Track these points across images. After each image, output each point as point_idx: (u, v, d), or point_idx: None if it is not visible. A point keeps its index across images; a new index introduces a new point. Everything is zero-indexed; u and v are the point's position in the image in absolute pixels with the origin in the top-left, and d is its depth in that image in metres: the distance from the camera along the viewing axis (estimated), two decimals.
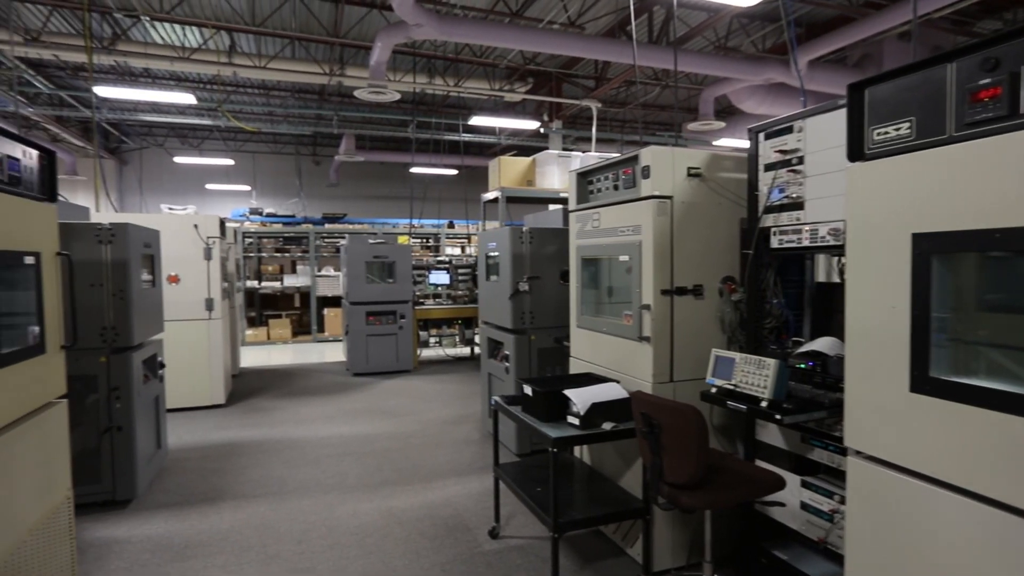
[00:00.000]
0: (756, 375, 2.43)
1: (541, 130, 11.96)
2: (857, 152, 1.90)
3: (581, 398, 2.81)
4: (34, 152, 2.39)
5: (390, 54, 7.75)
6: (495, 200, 6.49)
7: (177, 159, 14.85)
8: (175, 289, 5.91)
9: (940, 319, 1.67)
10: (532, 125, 11.46)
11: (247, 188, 16.42)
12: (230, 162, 15.49)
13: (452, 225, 14.37)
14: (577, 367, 3.66)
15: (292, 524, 3.57)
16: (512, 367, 4.63)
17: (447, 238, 14.04)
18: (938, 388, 1.63)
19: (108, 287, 3.78)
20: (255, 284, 11.75)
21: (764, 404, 2.35)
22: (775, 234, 2.61)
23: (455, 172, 15.04)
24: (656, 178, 2.87)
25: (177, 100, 10.47)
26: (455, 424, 5.70)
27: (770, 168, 2.64)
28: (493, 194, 6.51)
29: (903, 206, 1.73)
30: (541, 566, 3.06)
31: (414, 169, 14.31)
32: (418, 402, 6.59)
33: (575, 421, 2.82)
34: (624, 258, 3.11)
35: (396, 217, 15.99)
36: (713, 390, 2.64)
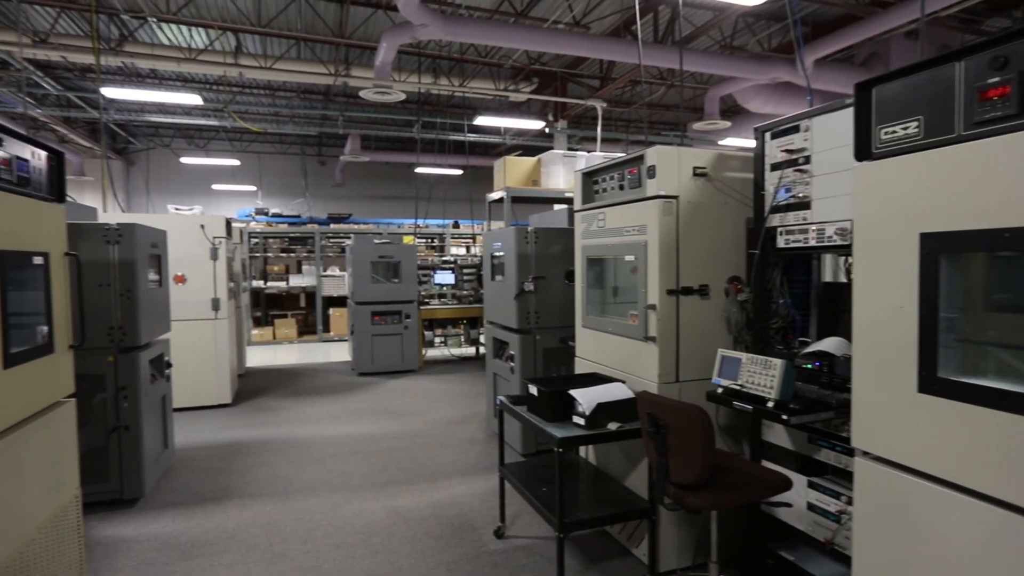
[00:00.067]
0: (762, 375, 2.42)
1: (546, 130, 11.96)
2: (864, 151, 1.89)
3: (587, 398, 2.81)
4: (43, 153, 2.41)
5: (395, 54, 7.77)
6: (500, 200, 6.49)
7: (183, 159, 14.95)
8: (182, 289, 5.94)
9: (948, 319, 1.66)
10: (537, 125, 11.46)
11: (253, 188, 16.49)
12: (236, 162, 15.58)
13: (457, 225, 14.39)
14: (582, 367, 3.66)
15: (298, 523, 3.59)
16: (517, 367, 4.63)
17: (452, 238, 14.06)
18: (946, 388, 1.63)
19: (115, 287, 3.80)
20: (261, 284, 11.79)
21: (771, 404, 2.35)
22: (781, 234, 2.60)
23: (460, 172, 15.06)
24: (662, 178, 2.86)
25: (183, 101, 10.54)
26: (460, 424, 5.70)
27: (776, 168, 2.63)
28: (498, 194, 6.51)
29: (911, 205, 1.72)
30: (546, 566, 3.06)
31: (419, 169, 14.34)
32: (423, 402, 6.60)
33: (580, 421, 2.82)
34: (630, 258, 3.11)
35: (401, 217, 16.02)
36: (719, 390, 2.63)
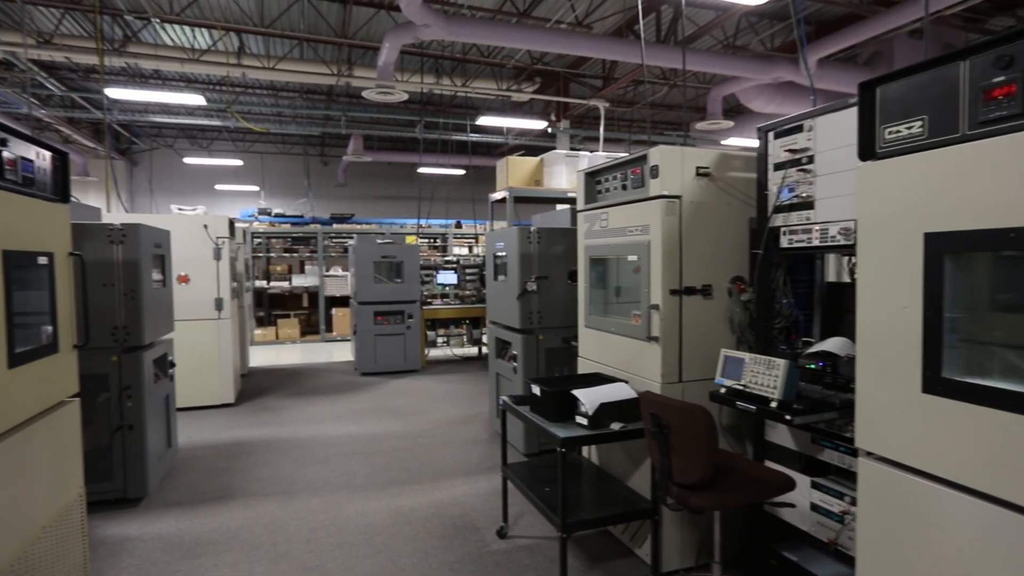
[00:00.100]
0: (766, 375, 2.42)
1: (549, 130, 11.96)
2: (868, 151, 1.88)
3: (589, 398, 2.81)
4: (47, 153, 2.42)
5: (398, 54, 7.77)
6: (503, 200, 6.50)
7: (187, 160, 14.99)
8: (185, 289, 5.95)
9: (952, 319, 1.66)
10: (539, 125, 11.46)
11: (256, 188, 16.53)
12: (239, 163, 15.61)
13: (460, 225, 14.39)
14: (585, 367, 3.66)
15: (301, 523, 3.59)
16: (520, 367, 4.63)
17: (455, 238, 14.07)
18: (951, 389, 1.62)
19: (120, 287, 3.81)
20: (264, 284, 11.81)
21: (774, 405, 2.34)
22: (785, 234, 2.60)
23: (463, 172, 15.05)
24: (665, 178, 2.86)
25: (187, 101, 10.57)
26: (463, 424, 5.70)
27: (780, 167, 2.62)
28: (501, 194, 6.51)
29: (915, 205, 1.72)
30: (549, 566, 3.06)
31: (422, 169, 14.35)
32: (426, 402, 6.60)
33: (583, 421, 2.82)
34: (632, 258, 3.10)
35: (404, 217, 16.03)
36: (722, 390, 2.63)
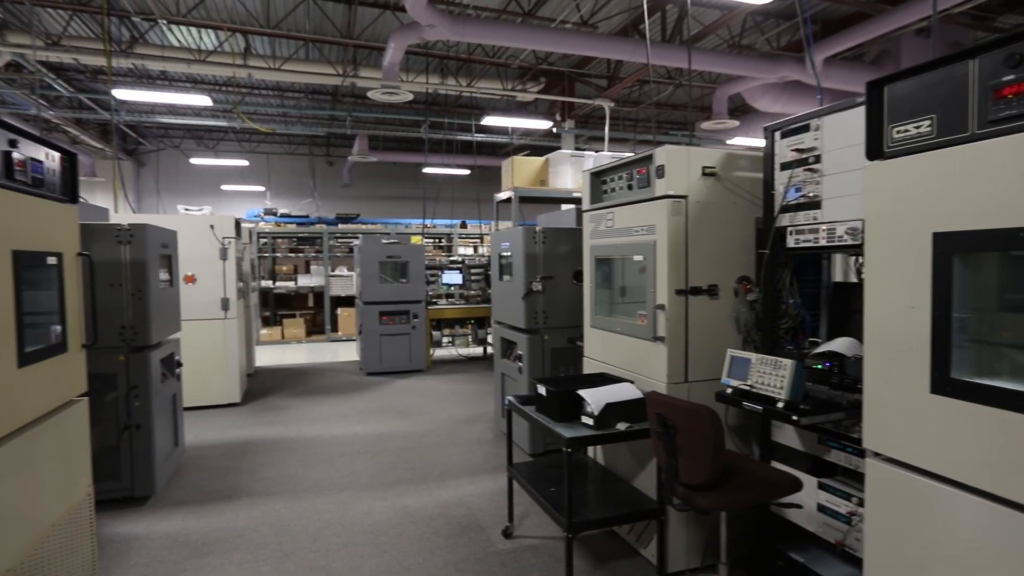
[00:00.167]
0: (772, 376, 2.41)
1: (554, 130, 11.95)
2: (876, 150, 1.88)
3: (595, 398, 2.81)
4: (56, 154, 2.43)
5: (403, 55, 7.78)
6: (508, 200, 6.49)
7: (193, 160, 15.05)
8: (192, 289, 5.98)
9: (961, 319, 1.65)
10: (545, 125, 11.45)
11: (261, 189, 16.59)
12: (245, 163, 15.66)
13: (465, 225, 14.40)
14: (591, 367, 3.65)
15: (307, 522, 3.60)
16: (525, 367, 4.63)
17: (460, 238, 14.08)
18: (960, 389, 1.61)
19: (127, 287, 3.83)
20: (269, 284, 11.85)
21: (781, 405, 2.34)
22: (791, 233, 2.59)
23: (468, 172, 15.07)
24: (671, 177, 2.85)
25: (193, 102, 10.61)
26: (468, 424, 5.71)
27: (786, 167, 2.61)
28: (506, 194, 6.51)
29: (923, 205, 1.71)
30: (555, 566, 3.06)
31: (427, 169, 14.37)
32: (431, 401, 6.61)
33: (589, 421, 2.81)
34: (638, 258, 3.10)
35: (409, 217, 16.07)
36: (728, 391, 2.62)
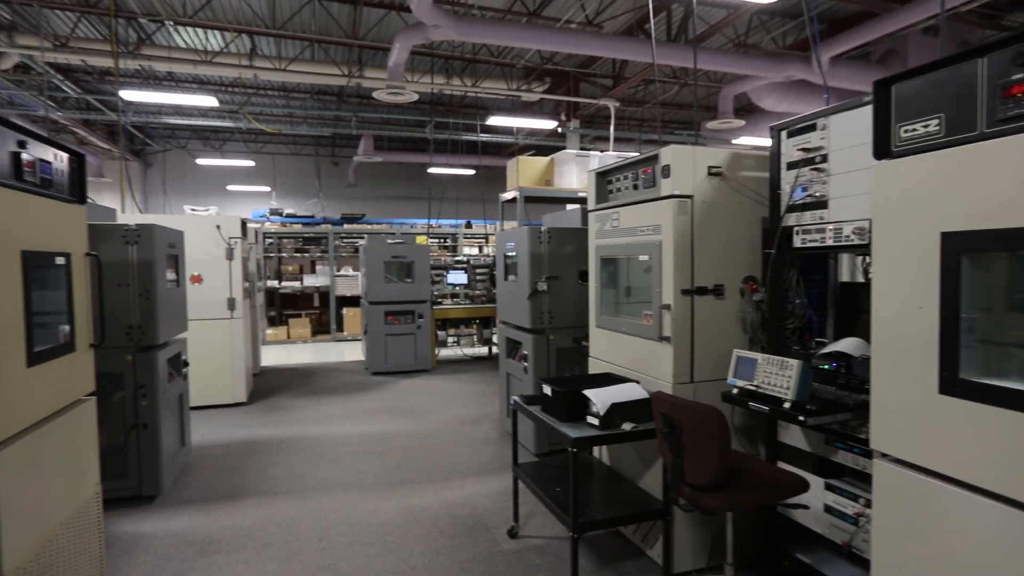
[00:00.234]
0: (779, 376, 2.40)
1: (559, 130, 11.94)
2: (883, 150, 1.87)
3: (601, 398, 2.80)
4: (64, 155, 2.45)
5: (408, 55, 7.79)
6: (513, 200, 6.50)
7: (199, 161, 15.13)
8: (198, 289, 6.01)
9: (970, 319, 1.64)
10: (550, 125, 11.45)
11: (267, 189, 16.64)
12: (251, 163, 15.73)
13: (470, 225, 14.41)
14: (596, 367, 3.65)
15: (313, 521, 3.62)
16: (531, 367, 4.63)
17: (465, 238, 14.09)
18: (968, 390, 1.60)
19: (134, 287, 3.85)
20: (275, 284, 11.90)
21: (787, 405, 2.33)
22: (798, 233, 2.58)
23: (473, 172, 15.07)
24: (676, 177, 2.85)
25: (199, 103, 10.68)
26: (474, 423, 5.71)
27: (793, 166, 2.61)
28: (511, 194, 6.52)
29: (931, 204, 1.70)
30: (560, 566, 3.06)
31: (432, 169, 14.39)
32: (437, 401, 6.62)
33: (595, 421, 2.81)
34: (644, 258, 3.09)
35: (414, 217, 16.08)
36: (735, 391, 2.61)
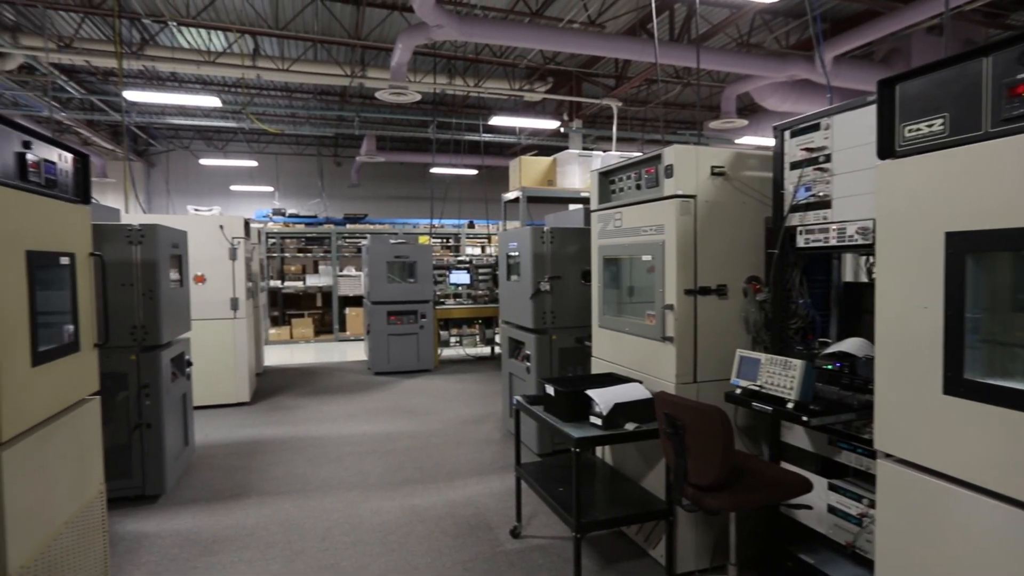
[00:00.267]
0: (782, 376, 2.40)
1: (561, 130, 11.93)
2: (888, 149, 1.86)
3: (604, 398, 2.80)
4: (69, 156, 2.46)
5: (411, 55, 7.80)
6: (516, 200, 6.50)
7: (202, 161, 15.15)
8: (201, 289, 6.02)
9: (974, 320, 1.63)
10: (552, 125, 11.44)
11: (270, 189, 16.67)
12: (254, 163, 15.75)
13: (472, 225, 14.42)
14: (599, 367, 3.65)
15: (316, 521, 3.62)
16: (533, 367, 4.63)
17: (467, 238, 14.10)
18: (973, 390, 1.60)
19: (138, 287, 3.86)
20: (278, 284, 11.92)
21: (790, 406, 2.32)
22: (801, 233, 2.58)
23: (475, 172, 15.06)
24: (679, 177, 2.85)
25: (203, 103, 10.70)
26: (476, 423, 5.71)
27: (796, 166, 2.60)
28: (514, 194, 6.51)
29: (936, 204, 1.70)
30: (563, 566, 3.06)
31: (434, 169, 14.38)
32: (439, 401, 6.62)
33: (598, 421, 2.81)
34: (647, 258, 3.09)
35: (417, 217, 16.09)
36: (738, 391, 2.61)
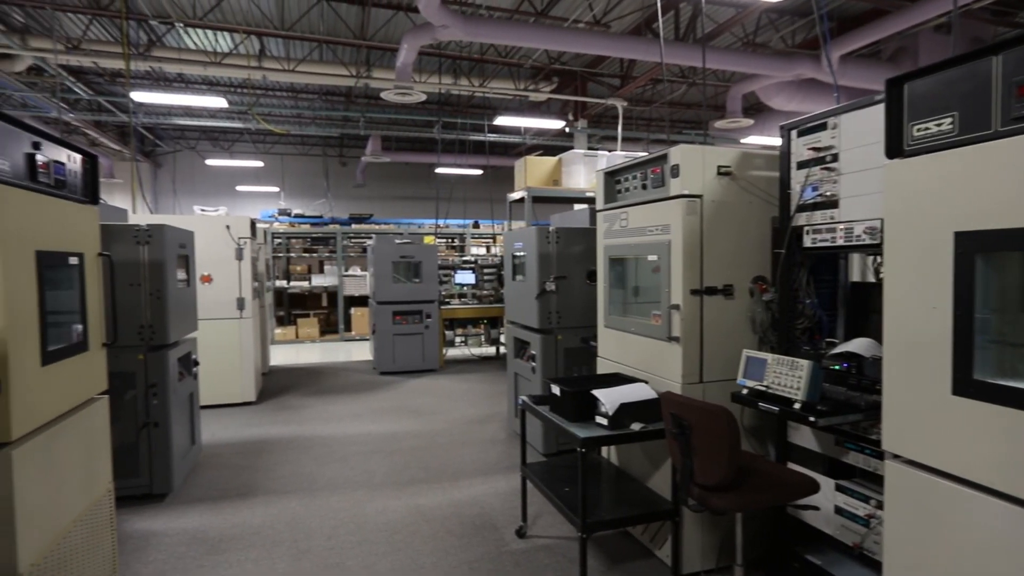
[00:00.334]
0: (789, 376, 2.39)
1: (566, 129, 11.93)
2: (896, 148, 1.85)
3: (609, 398, 2.80)
4: (78, 156, 2.48)
5: (416, 55, 7.81)
6: (521, 200, 6.49)
7: (208, 161, 15.23)
8: (208, 289, 6.05)
9: (984, 320, 1.63)
10: (557, 124, 11.44)
11: (276, 189, 16.72)
12: (259, 164, 15.81)
13: (477, 225, 14.42)
14: (605, 367, 3.65)
15: (322, 520, 3.63)
16: (539, 367, 4.63)
17: (472, 238, 14.10)
18: (982, 391, 1.59)
19: (146, 287, 3.88)
20: (284, 284, 11.95)
21: (797, 406, 2.32)
22: (808, 233, 2.57)
23: (480, 172, 15.09)
24: (686, 177, 2.84)
25: (209, 104, 10.72)
26: (481, 423, 5.72)
27: (803, 166, 2.59)
28: (519, 194, 6.51)
29: (944, 203, 1.69)
30: (569, 566, 3.06)
31: (440, 169, 14.41)
32: (444, 401, 6.63)
33: (603, 421, 2.81)
34: (653, 258, 3.09)
35: (422, 217, 16.11)
36: (744, 391, 2.60)
